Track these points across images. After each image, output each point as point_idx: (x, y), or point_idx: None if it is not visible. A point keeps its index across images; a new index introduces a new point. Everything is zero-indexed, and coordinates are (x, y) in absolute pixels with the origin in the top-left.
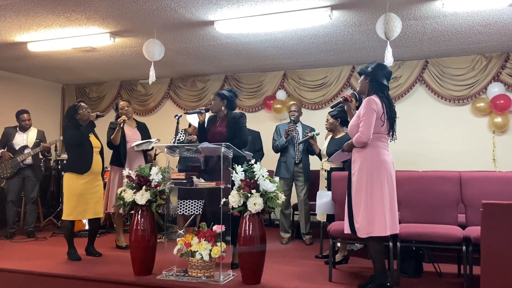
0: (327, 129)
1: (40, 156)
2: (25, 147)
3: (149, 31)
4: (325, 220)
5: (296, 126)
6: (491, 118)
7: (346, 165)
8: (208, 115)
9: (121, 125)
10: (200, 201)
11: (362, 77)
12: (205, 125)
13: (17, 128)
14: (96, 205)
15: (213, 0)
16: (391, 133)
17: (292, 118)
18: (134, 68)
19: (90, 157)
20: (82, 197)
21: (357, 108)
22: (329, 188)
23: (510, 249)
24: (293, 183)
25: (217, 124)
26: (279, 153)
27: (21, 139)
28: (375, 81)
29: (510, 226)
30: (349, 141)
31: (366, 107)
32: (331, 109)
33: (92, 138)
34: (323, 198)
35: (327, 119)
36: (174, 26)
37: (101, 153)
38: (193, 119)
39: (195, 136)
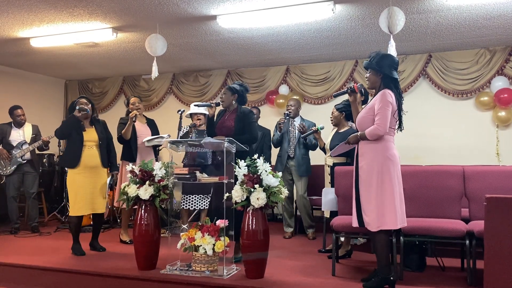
0: (332, 123)
1: (37, 151)
2: (24, 142)
3: (151, 26)
4: (328, 216)
5: (294, 120)
6: (495, 112)
7: (350, 160)
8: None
9: (134, 120)
10: (207, 196)
11: (371, 72)
12: (214, 119)
13: (12, 125)
14: (94, 200)
15: None
16: (398, 126)
17: (286, 113)
18: (136, 63)
19: (78, 151)
20: (80, 192)
21: (363, 102)
22: (332, 184)
23: None
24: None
25: (226, 117)
26: (278, 148)
27: (17, 135)
28: (387, 77)
29: None
30: (356, 134)
31: (382, 100)
32: (334, 97)
33: (88, 131)
34: (329, 195)
35: (332, 112)
36: (176, 21)
37: (104, 146)
38: (198, 109)
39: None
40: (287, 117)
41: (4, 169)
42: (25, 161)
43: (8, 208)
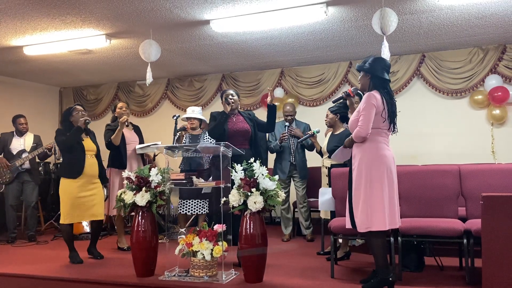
0: (326, 125)
1: (37, 160)
2: (23, 151)
3: (145, 32)
4: (329, 218)
5: (291, 131)
6: (489, 111)
7: (347, 161)
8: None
9: (127, 124)
10: (205, 201)
11: (362, 74)
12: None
13: (14, 133)
14: (94, 207)
15: None
16: (392, 128)
17: (287, 124)
18: (131, 69)
19: (82, 161)
20: (78, 200)
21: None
22: (330, 185)
23: (511, 241)
24: (291, 181)
25: (235, 120)
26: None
27: (18, 144)
28: (375, 77)
29: (510, 218)
30: (350, 137)
31: (365, 102)
32: (333, 104)
33: (86, 141)
34: (325, 195)
35: (327, 115)
36: (169, 27)
37: (98, 156)
38: (193, 113)
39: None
40: (288, 128)
41: (4, 177)
42: (23, 170)
43: (6, 217)
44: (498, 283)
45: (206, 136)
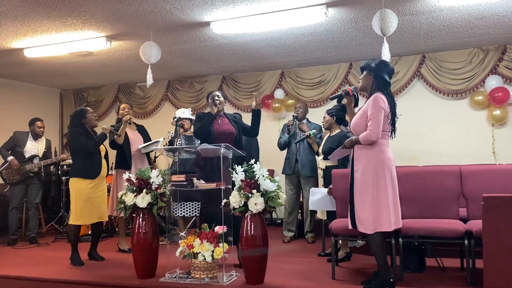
0: (324, 126)
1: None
2: (35, 156)
3: (145, 33)
4: (325, 218)
5: (300, 123)
6: (490, 111)
7: (340, 162)
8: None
9: (129, 122)
10: (197, 203)
11: (365, 72)
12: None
13: (29, 135)
14: (101, 208)
15: (208, 1)
16: (392, 131)
17: (294, 115)
18: (131, 71)
19: (100, 162)
20: (89, 201)
21: (354, 105)
22: (325, 186)
23: None
24: (300, 182)
25: (220, 122)
26: (283, 152)
27: (32, 147)
28: (379, 77)
29: (511, 219)
30: (351, 138)
31: (374, 105)
32: (330, 99)
33: None
34: (316, 195)
35: (324, 117)
36: (170, 28)
37: (106, 157)
38: (184, 114)
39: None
40: (295, 119)
41: (12, 178)
42: (32, 175)
43: (8, 219)
44: (499, 284)
45: None
